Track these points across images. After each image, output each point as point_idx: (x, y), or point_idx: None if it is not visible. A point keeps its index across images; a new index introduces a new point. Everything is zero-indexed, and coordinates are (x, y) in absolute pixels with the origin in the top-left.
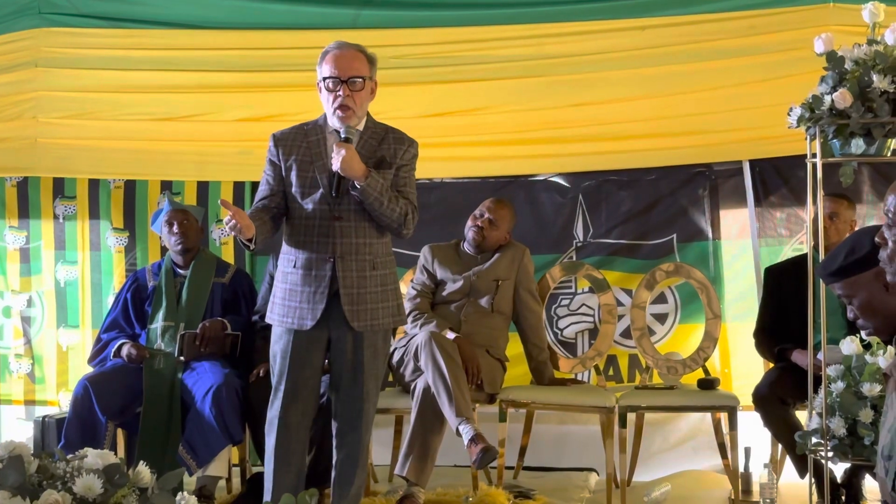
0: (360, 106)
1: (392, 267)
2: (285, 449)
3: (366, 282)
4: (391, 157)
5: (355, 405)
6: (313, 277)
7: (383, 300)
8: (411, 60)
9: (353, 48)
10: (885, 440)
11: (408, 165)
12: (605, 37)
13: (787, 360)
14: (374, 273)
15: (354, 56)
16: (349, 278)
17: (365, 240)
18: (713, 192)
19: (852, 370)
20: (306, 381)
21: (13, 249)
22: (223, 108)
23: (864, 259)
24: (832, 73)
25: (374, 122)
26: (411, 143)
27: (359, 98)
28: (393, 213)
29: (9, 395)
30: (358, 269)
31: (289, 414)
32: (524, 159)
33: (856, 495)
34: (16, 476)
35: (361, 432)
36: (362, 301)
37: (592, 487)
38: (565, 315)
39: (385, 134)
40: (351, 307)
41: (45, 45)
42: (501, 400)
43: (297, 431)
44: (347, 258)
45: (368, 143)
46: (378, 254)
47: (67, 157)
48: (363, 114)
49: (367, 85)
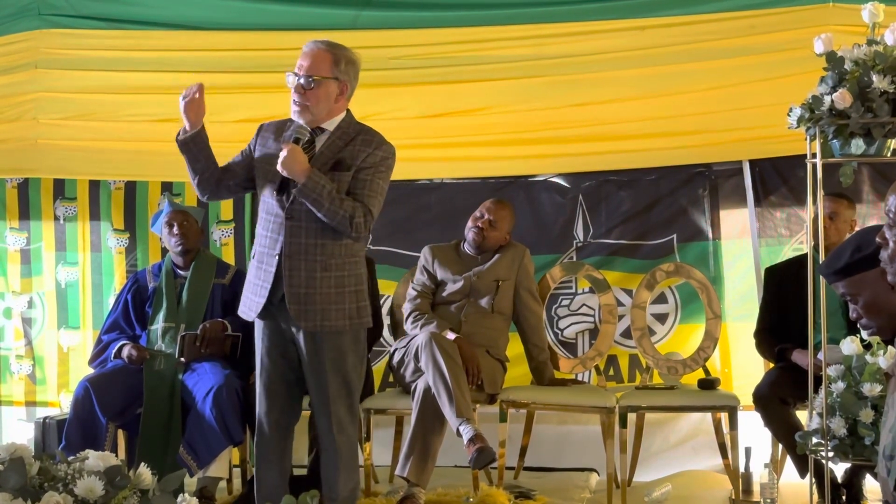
0: (316, 105)
1: (353, 268)
2: (264, 447)
3: (315, 283)
4: (351, 159)
5: (323, 408)
6: (263, 271)
7: (337, 302)
8: (411, 61)
9: (322, 47)
10: (887, 440)
11: (371, 168)
12: (605, 37)
13: (788, 360)
14: (326, 274)
15: (319, 56)
16: (296, 278)
17: (316, 241)
18: (713, 192)
19: (853, 370)
20: (279, 378)
21: (14, 251)
22: (223, 109)
23: (870, 256)
24: (832, 74)
25: (349, 123)
26: (380, 145)
27: (313, 97)
28: (335, 215)
29: (9, 396)
30: (307, 269)
31: (268, 412)
32: (524, 160)
33: (856, 495)
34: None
35: (334, 435)
36: (310, 301)
37: (593, 488)
38: (565, 315)
39: (355, 135)
40: (297, 306)
41: (44, 46)
42: (502, 400)
43: (276, 429)
44: (296, 258)
45: (334, 144)
46: (333, 255)
47: (68, 158)
48: (322, 112)
49: (329, 85)
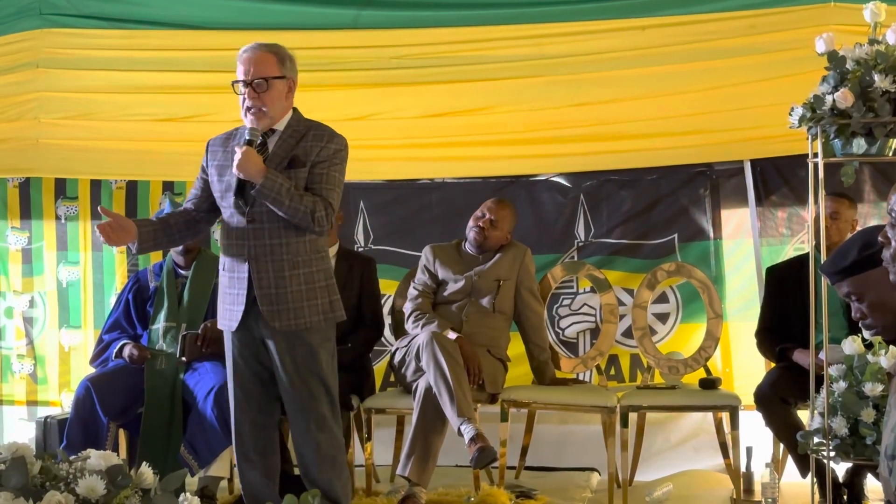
0: (271, 106)
1: (321, 263)
2: (242, 447)
3: (285, 282)
4: (305, 155)
5: (299, 405)
6: (235, 280)
7: (309, 298)
8: (411, 61)
9: (260, 49)
10: (889, 440)
11: (325, 162)
12: (606, 37)
13: (789, 359)
14: (294, 272)
15: (260, 58)
16: (265, 279)
17: (280, 240)
18: (714, 192)
19: (854, 370)
20: (254, 378)
21: (15, 250)
22: (224, 109)
23: (877, 255)
24: (833, 73)
25: (298, 121)
26: (332, 138)
27: (268, 98)
28: (297, 212)
29: (11, 395)
30: (275, 269)
31: (244, 412)
32: (525, 159)
33: (858, 495)
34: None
35: (313, 433)
36: (282, 301)
37: (594, 487)
38: (567, 315)
39: (306, 132)
40: (270, 307)
41: (46, 45)
42: (503, 400)
43: (254, 428)
44: (262, 260)
45: (286, 143)
46: (298, 252)
47: (69, 157)
48: (278, 113)
49: (278, 84)
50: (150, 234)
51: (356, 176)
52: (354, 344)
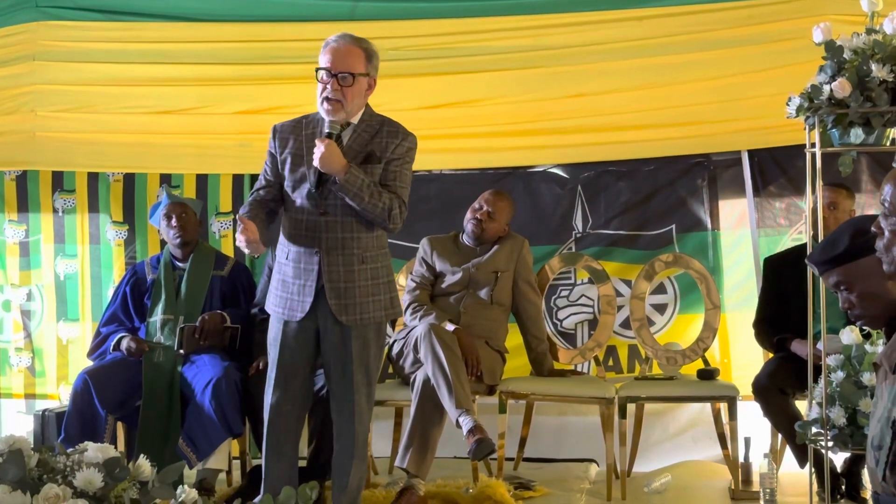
0: (350, 101)
1: (385, 260)
2: (276, 438)
3: (354, 276)
4: (381, 151)
5: (346, 397)
6: (302, 270)
7: (374, 294)
8: (409, 52)
9: (351, 42)
10: (875, 430)
11: (399, 159)
12: (603, 27)
13: (787, 349)
14: (362, 267)
15: (350, 51)
16: (335, 272)
17: (352, 234)
18: (712, 183)
19: (852, 360)
20: (295, 370)
21: (12, 243)
22: (221, 101)
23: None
24: (831, 63)
25: (370, 115)
26: (406, 136)
27: (349, 93)
28: (375, 208)
29: (9, 388)
30: (345, 263)
31: (279, 403)
32: (523, 150)
33: (856, 484)
34: (16, 470)
35: (354, 424)
36: (350, 295)
37: (592, 478)
38: (565, 306)
39: (380, 127)
40: (338, 301)
41: (42, 38)
42: (501, 391)
43: (287, 420)
44: (333, 253)
45: (361, 137)
46: (367, 247)
47: (66, 150)
48: (355, 108)
49: (361, 81)
50: (262, 229)
51: None
52: None
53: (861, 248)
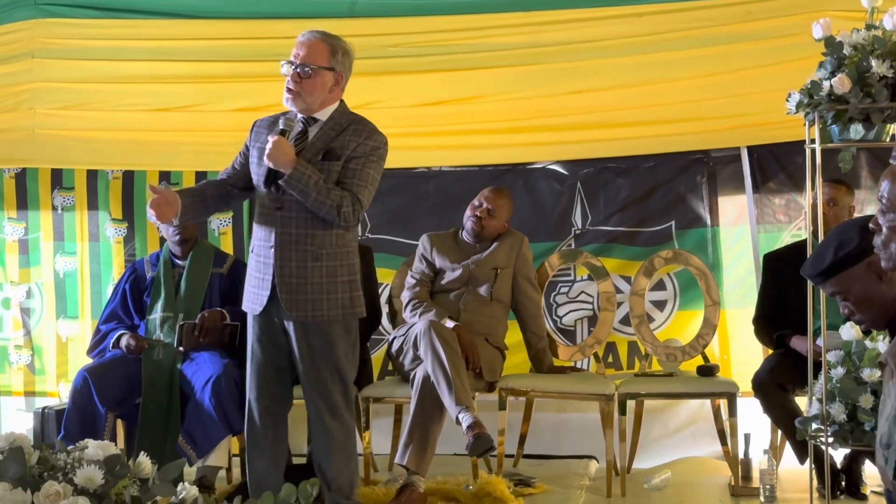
0: (309, 93)
1: (347, 259)
2: (254, 433)
3: (307, 272)
4: (341, 148)
5: (315, 395)
6: (261, 264)
7: (329, 291)
8: (408, 49)
9: (318, 37)
10: (883, 428)
11: (361, 158)
12: (602, 24)
13: (787, 346)
14: (317, 264)
15: (315, 45)
16: (287, 268)
17: (307, 230)
18: (711, 179)
19: (852, 356)
20: (269, 365)
21: (12, 241)
22: (221, 98)
23: (854, 252)
24: (830, 59)
25: (342, 114)
26: (371, 135)
27: (308, 85)
28: (322, 205)
29: (8, 386)
30: (298, 259)
31: (257, 398)
32: (522, 147)
33: (856, 481)
34: (17, 468)
35: (325, 420)
36: (301, 291)
37: (592, 475)
38: (564, 303)
39: (347, 125)
40: (288, 297)
41: (41, 35)
42: (501, 388)
43: (267, 415)
44: (287, 248)
45: (326, 134)
46: (323, 245)
47: (65, 148)
48: (316, 101)
49: (324, 75)
50: (190, 206)
51: None
52: None
53: (845, 260)
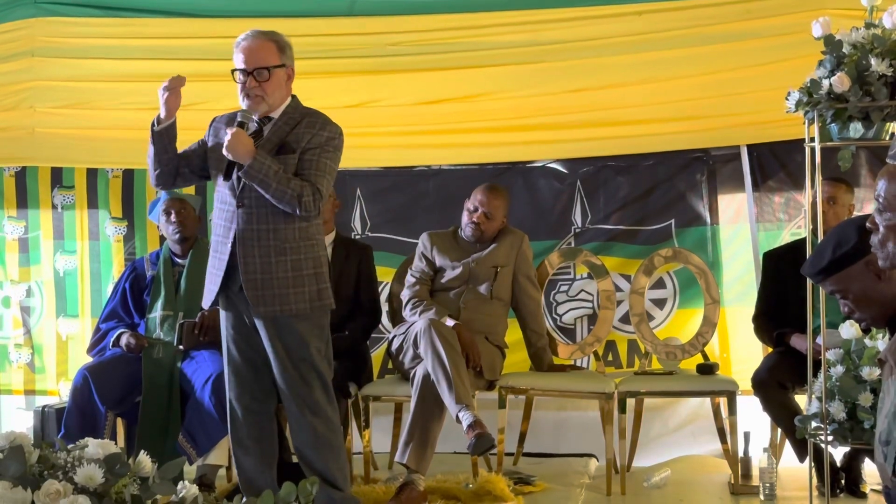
0: (270, 94)
1: (310, 251)
2: (236, 432)
3: (271, 267)
4: (296, 141)
5: (290, 391)
6: (217, 259)
7: (296, 285)
8: (407, 48)
9: (260, 38)
10: (883, 426)
11: (316, 149)
12: (602, 22)
13: (786, 344)
14: (281, 259)
15: (261, 46)
16: (251, 264)
17: (268, 225)
18: (711, 177)
19: (852, 354)
20: (246, 364)
21: (12, 239)
22: (221, 97)
23: (852, 251)
24: (830, 57)
25: (294, 108)
26: (324, 126)
27: (268, 87)
28: (283, 195)
29: (8, 384)
30: (261, 254)
31: (237, 397)
32: (522, 146)
33: (855, 479)
34: (17, 466)
35: (307, 417)
36: (267, 286)
37: (592, 473)
38: (564, 301)
39: (301, 119)
40: (255, 292)
41: (41, 34)
42: (501, 386)
43: (248, 414)
44: (249, 244)
45: (281, 129)
46: (287, 239)
47: (65, 146)
48: (277, 100)
49: (278, 73)
50: (174, 132)
51: (352, 163)
52: (352, 331)
53: (843, 258)
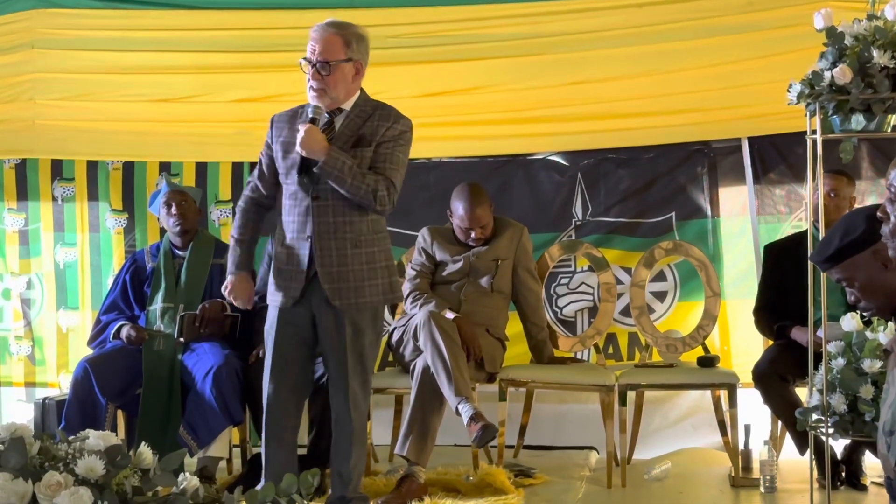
0: (333, 88)
1: (383, 244)
2: (274, 425)
3: (347, 260)
4: (370, 134)
5: (341, 383)
6: (295, 256)
7: (370, 278)
8: (408, 39)
9: (330, 30)
10: (887, 416)
11: (390, 142)
12: (603, 14)
13: (787, 337)
14: (356, 251)
15: (329, 39)
16: (328, 257)
17: (344, 218)
18: (712, 170)
19: (853, 346)
20: (292, 357)
21: (12, 231)
22: (221, 89)
23: (860, 239)
24: (832, 49)
25: (365, 101)
26: (398, 119)
27: (330, 81)
28: (359, 190)
29: (9, 377)
30: (338, 247)
31: (277, 390)
32: (522, 138)
33: (856, 471)
34: (18, 458)
35: (349, 410)
36: (343, 279)
37: (593, 466)
38: (564, 294)
39: (373, 112)
40: (331, 285)
41: (41, 26)
42: (501, 379)
43: (286, 407)
44: (325, 237)
45: (353, 122)
46: (361, 231)
47: (65, 138)
48: (342, 94)
49: (343, 67)
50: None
51: None
52: None
53: (851, 246)
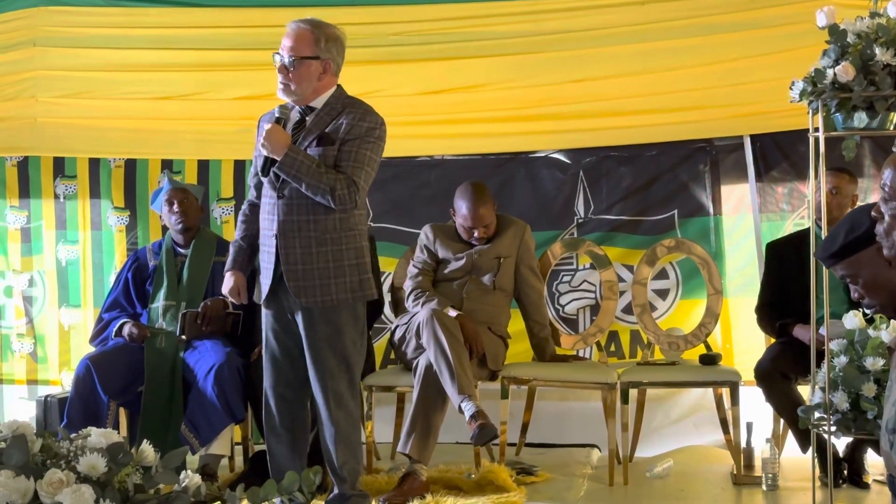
0: (298, 83)
1: (352, 242)
2: (271, 420)
3: (312, 258)
4: (335, 132)
5: (320, 383)
6: (266, 253)
7: (337, 276)
8: (410, 37)
9: (303, 26)
10: (890, 414)
11: (356, 140)
12: (605, 12)
13: (789, 334)
14: (321, 249)
15: (300, 35)
16: (292, 255)
17: (308, 216)
18: (714, 168)
19: (855, 344)
20: (281, 353)
21: (14, 229)
22: (222, 87)
23: (864, 236)
24: (834, 47)
25: (337, 98)
26: (365, 116)
27: (295, 77)
28: (317, 189)
29: (11, 374)
30: (302, 245)
31: (272, 385)
32: (524, 136)
33: (858, 469)
34: (20, 455)
35: (331, 409)
36: (308, 277)
37: (594, 463)
38: (567, 291)
39: (342, 109)
40: (296, 283)
41: (43, 24)
42: (503, 377)
43: (282, 402)
44: (290, 235)
45: (322, 120)
46: (327, 229)
47: (67, 136)
48: (307, 91)
49: (309, 64)
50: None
51: None
52: None
53: (855, 243)
